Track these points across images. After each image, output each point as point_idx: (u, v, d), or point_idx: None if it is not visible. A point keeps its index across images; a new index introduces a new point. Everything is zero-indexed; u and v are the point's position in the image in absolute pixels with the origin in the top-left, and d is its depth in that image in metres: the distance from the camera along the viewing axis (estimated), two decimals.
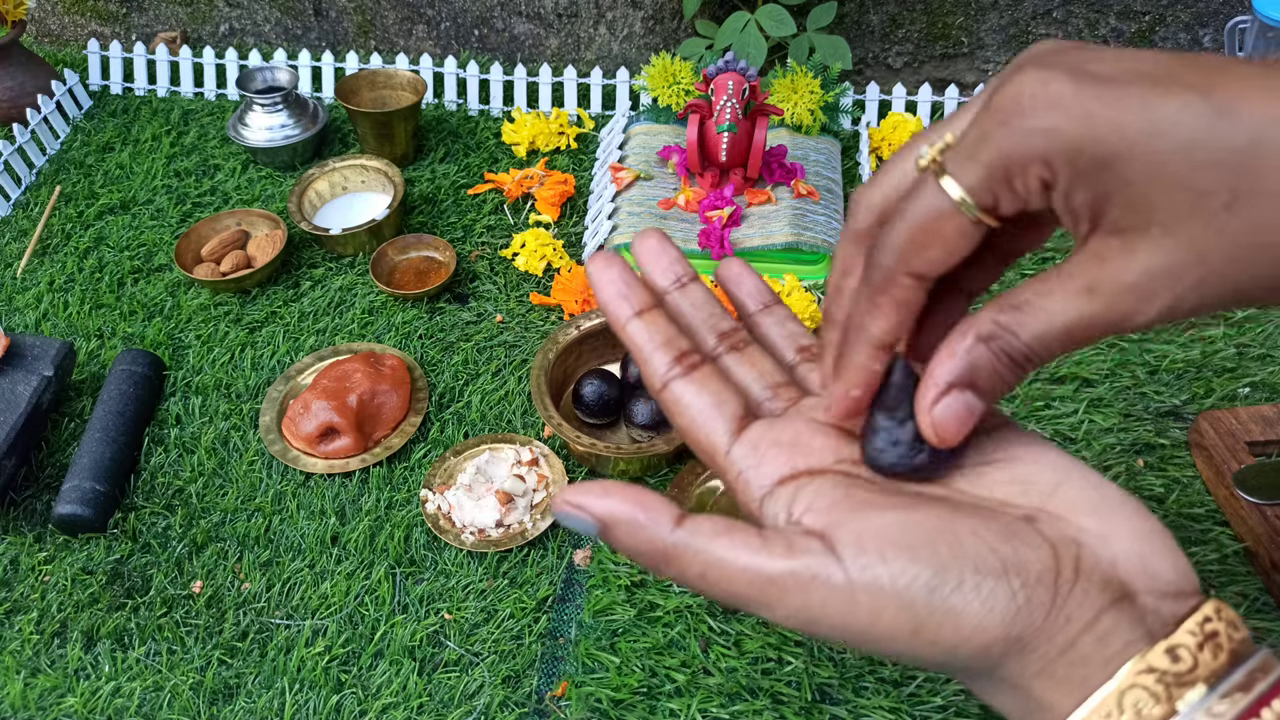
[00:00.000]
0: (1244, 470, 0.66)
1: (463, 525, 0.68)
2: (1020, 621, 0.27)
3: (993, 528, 0.29)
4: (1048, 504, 0.30)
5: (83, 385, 0.80)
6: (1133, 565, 0.28)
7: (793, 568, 0.28)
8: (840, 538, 0.29)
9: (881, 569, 0.28)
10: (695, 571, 0.29)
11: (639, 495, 0.30)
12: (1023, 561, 0.28)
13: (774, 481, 0.32)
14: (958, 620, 0.27)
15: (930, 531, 0.28)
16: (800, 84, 0.95)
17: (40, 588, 0.66)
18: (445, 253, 0.88)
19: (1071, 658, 0.27)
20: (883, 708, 0.58)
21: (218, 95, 1.12)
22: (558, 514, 0.30)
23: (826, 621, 0.28)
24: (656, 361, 0.34)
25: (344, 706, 0.60)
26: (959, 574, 0.27)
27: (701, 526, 0.29)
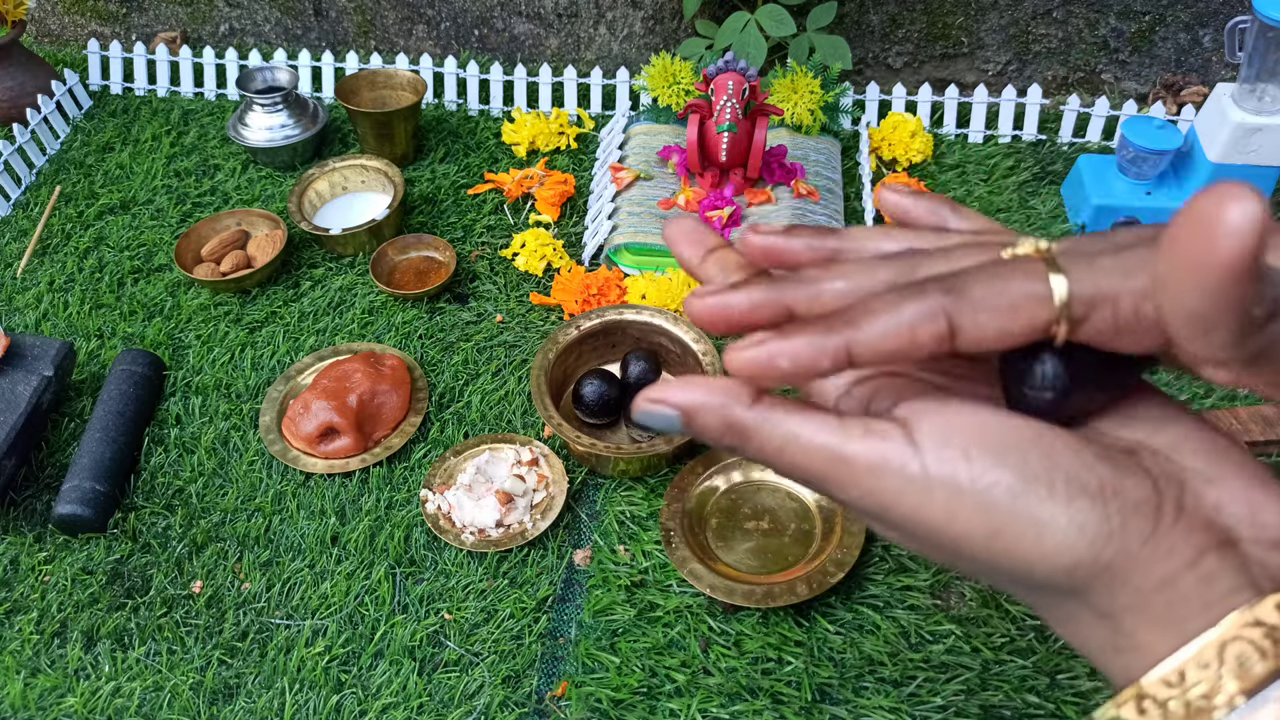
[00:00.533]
0: None
1: (463, 525, 0.68)
2: (1112, 547, 0.26)
3: (1093, 449, 0.27)
4: (1152, 439, 0.28)
5: (83, 385, 0.80)
6: (1239, 511, 0.27)
7: (868, 449, 0.27)
8: (921, 426, 0.27)
9: (962, 466, 0.26)
10: (774, 446, 0.29)
11: (716, 381, 0.29)
12: (1122, 486, 0.26)
13: (850, 381, 0.31)
14: (1042, 532, 0.26)
15: (1023, 438, 0.27)
16: (800, 84, 0.95)
17: (40, 588, 0.66)
18: (445, 253, 0.88)
19: (1170, 596, 0.26)
20: (883, 708, 0.58)
21: (218, 95, 1.12)
22: (639, 414, 0.30)
23: (898, 511, 0.27)
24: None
25: (344, 706, 0.60)
26: (1049, 485, 0.26)
27: (779, 403, 0.29)
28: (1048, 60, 1.13)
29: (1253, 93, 0.84)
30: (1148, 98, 1.11)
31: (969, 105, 1.02)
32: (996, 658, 0.60)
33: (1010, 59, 1.13)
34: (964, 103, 1.03)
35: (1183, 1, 1.06)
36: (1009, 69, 1.14)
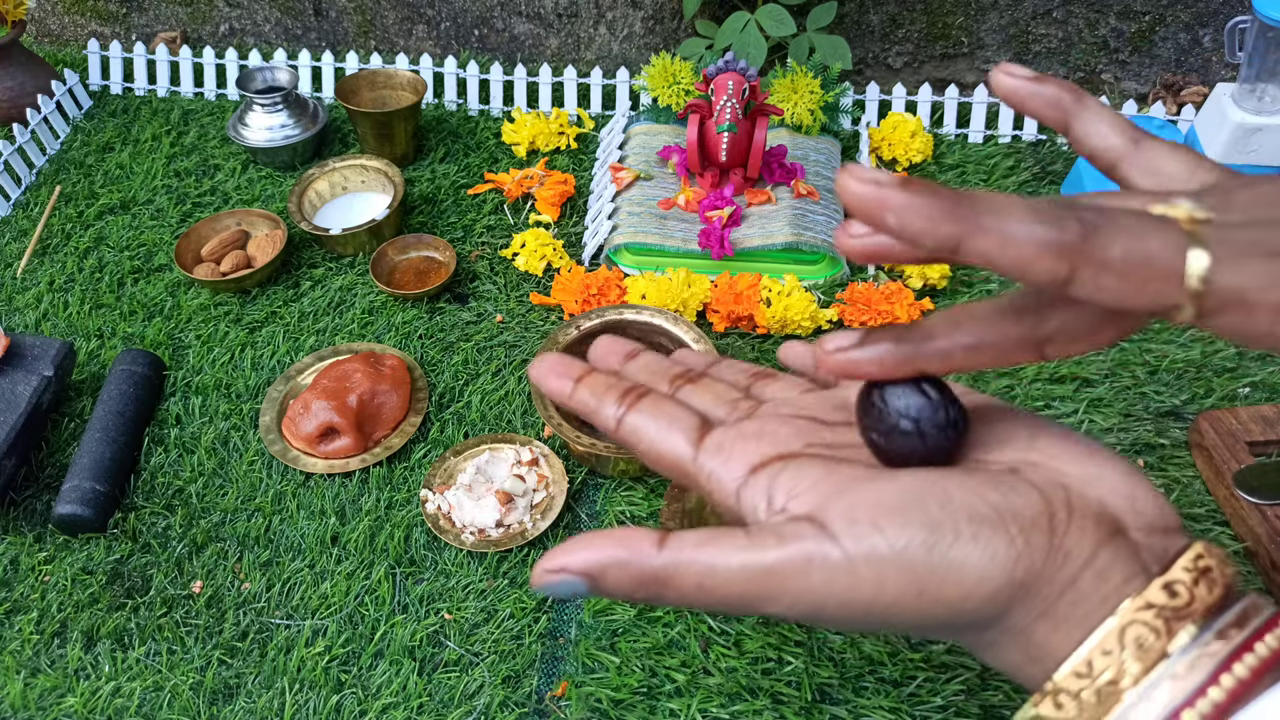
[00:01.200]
0: (1244, 470, 0.66)
1: (463, 525, 0.68)
2: (1022, 565, 0.27)
3: (978, 479, 0.29)
4: (1027, 455, 0.30)
5: (83, 385, 0.80)
6: (1120, 503, 0.28)
7: (789, 554, 0.28)
8: (830, 516, 0.28)
9: (877, 537, 0.27)
10: (692, 584, 0.29)
11: (614, 535, 0.29)
12: (1015, 507, 0.28)
13: (746, 471, 0.31)
14: (960, 573, 0.27)
15: (917, 493, 0.28)
16: (800, 84, 0.95)
17: (40, 588, 0.66)
18: (445, 253, 0.88)
19: (1072, 597, 0.27)
20: (883, 708, 0.58)
21: (218, 95, 1.12)
22: (541, 586, 0.29)
23: (832, 602, 0.28)
24: (605, 409, 0.34)
25: (344, 706, 0.60)
26: (954, 528, 0.27)
27: (686, 539, 0.29)
28: (1048, 60, 1.13)
29: (1253, 93, 0.84)
30: (1148, 98, 1.11)
31: (969, 105, 1.03)
32: None
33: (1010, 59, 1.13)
34: (964, 103, 1.03)
35: (1183, 1, 1.06)
36: None
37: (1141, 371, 0.77)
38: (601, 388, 0.35)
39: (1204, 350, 0.78)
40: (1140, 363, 0.78)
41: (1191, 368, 0.77)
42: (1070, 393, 0.76)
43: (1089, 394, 0.75)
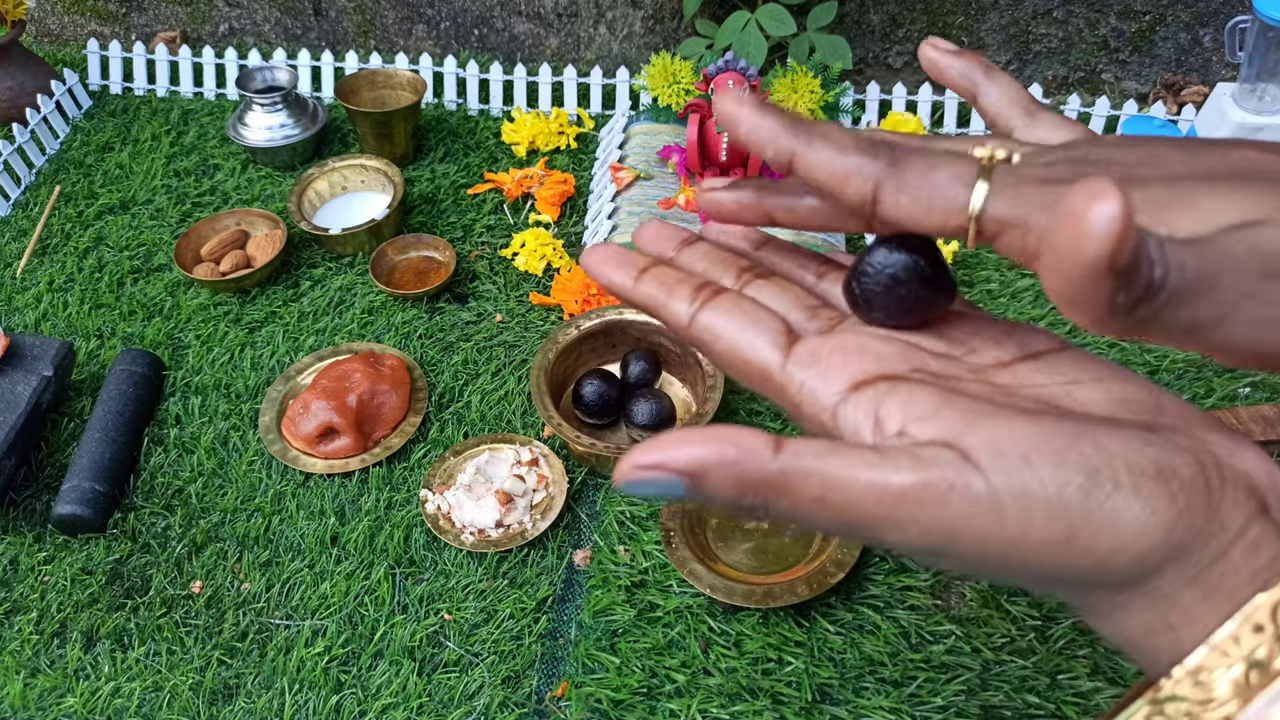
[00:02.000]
0: None
1: (462, 525, 0.68)
2: (1182, 525, 0.25)
3: (1128, 433, 0.26)
4: (1160, 419, 0.28)
5: (82, 385, 0.80)
6: (1261, 478, 0.27)
7: (926, 479, 0.25)
8: (972, 444, 0.26)
9: (1029, 473, 0.25)
10: (812, 495, 0.25)
11: (721, 432, 0.26)
12: (1174, 465, 0.26)
13: (846, 387, 0.29)
14: (1117, 524, 0.25)
15: (1069, 435, 0.26)
16: (800, 83, 0.95)
17: (40, 588, 0.66)
18: (445, 253, 0.88)
19: (1223, 568, 0.25)
20: (883, 708, 0.58)
21: (217, 95, 1.12)
22: (627, 483, 0.26)
23: (968, 536, 0.25)
24: (675, 304, 0.31)
25: (344, 707, 0.60)
26: (1114, 476, 0.25)
27: (806, 447, 0.26)
28: (1048, 60, 1.13)
29: (1253, 92, 0.84)
30: (1148, 97, 1.11)
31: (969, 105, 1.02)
32: (997, 658, 0.60)
33: (1010, 59, 1.13)
34: (964, 102, 1.03)
35: (1183, 1, 1.06)
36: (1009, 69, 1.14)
37: (1141, 371, 0.77)
38: (672, 279, 0.32)
39: None
40: (1140, 363, 0.78)
41: (1192, 368, 0.77)
42: None
43: None
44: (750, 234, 0.37)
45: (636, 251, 0.34)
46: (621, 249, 0.34)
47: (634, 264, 0.33)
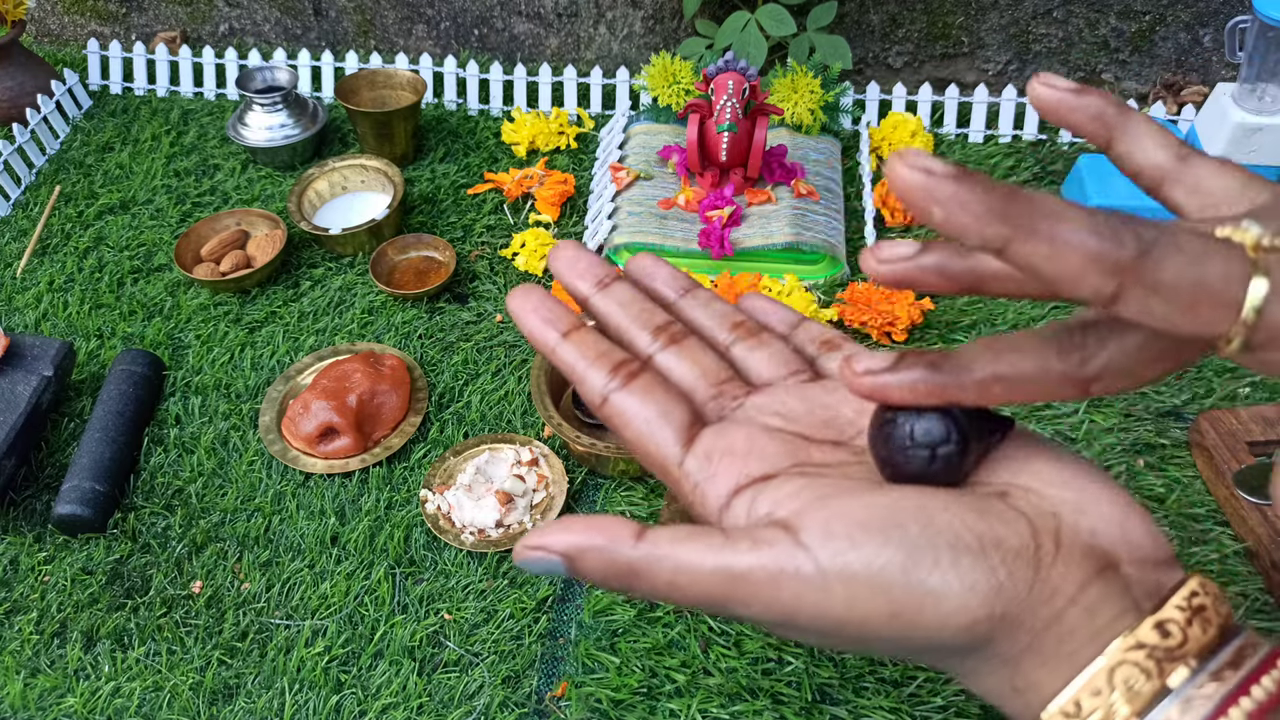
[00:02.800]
0: (1244, 470, 0.66)
1: (462, 525, 0.68)
2: (1004, 598, 0.26)
3: (965, 504, 0.28)
4: (1018, 478, 0.29)
5: (82, 385, 0.80)
6: (1112, 534, 0.27)
7: (761, 561, 0.27)
8: (805, 525, 0.28)
9: (852, 554, 0.27)
10: (664, 580, 0.28)
11: (596, 521, 0.29)
12: (999, 536, 0.27)
13: (730, 492, 0.31)
14: (938, 601, 0.26)
15: (900, 512, 0.27)
16: (800, 84, 0.95)
17: (40, 588, 0.66)
18: (445, 253, 0.88)
19: (1059, 632, 0.26)
20: (883, 708, 0.58)
21: (217, 95, 1.12)
22: (521, 562, 0.29)
23: (803, 614, 0.27)
24: (593, 378, 0.33)
25: (344, 706, 0.60)
26: (934, 553, 0.26)
27: (662, 535, 0.28)
28: (1048, 60, 1.13)
29: (1253, 92, 0.84)
30: (1148, 97, 1.11)
31: (969, 105, 1.02)
32: None
33: (1010, 59, 1.13)
34: (964, 102, 1.03)
35: (1183, 1, 1.06)
36: (1009, 69, 1.14)
37: None
38: (592, 351, 0.33)
39: None
40: None
41: (1191, 368, 0.77)
42: None
43: None
44: (674, 278, 0.37)
45: (561, 305, 0.34)
46: (550, 300, 0.34)
47: (560, 322, 0.34)
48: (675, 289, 0.37)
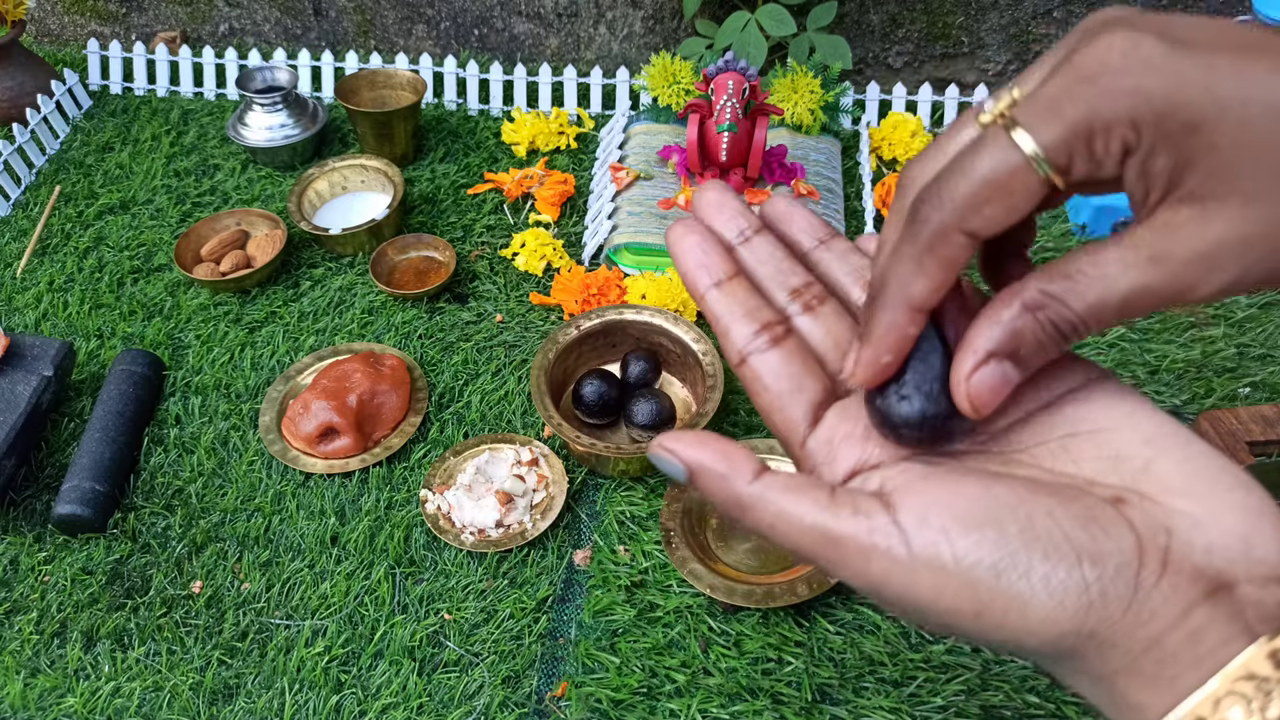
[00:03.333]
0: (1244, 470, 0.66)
1: (462, 525, 0.68)
2: (1094, 616, 0.25)
3: (1073, 510, 0.27)
4: (1139, 483, 0.28)
5: (82, 385, 0.80)
6: (1232, 550, 0.26)
7: (854, 532, 0.27)
8: (905, 505, 0.28)
9: (944, 545, 0.26)
10: (766, 522, 0.29)
11: (726, 448, 0.30)
12: (1101, 551, 0.26)
13: (847, 474, 0.31)
14: (1024, 608, 0.26)
15: (1002, 509, 0.27)
16: (800, 84, 0.95)
17: (40, 588, 0.66)
18: (445, 253, 0.88)
19: (1158, 656, 0.25)
20: (883, 708, 0.58)
21: (217, 95, 1.12)
22: (653, 455, 0.31)
23: (890, 590, 0.27)
24: (736, 333, 0.33)
25: (344, 706, 0.60)
26: (1028, 559, 0.26)
27: (776, 480, 0.29)
28: None
29: None
30: None
31: (969, 105, 1.02)
32: (996, 658, 0.60)
33: (1010, 58, 1.13)
34: (964, 102, 1.03)
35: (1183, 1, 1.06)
36: (1009, 68, 1.14)
37: (1142, 371, 0.77)
38: (741, 306, 0.33)
39: (1204, 350, 0.78)
40: (1140, 363, 0.78)
41: (1192, 368, 0.77)
42: None
43: None
44: (812, 225, 0.37)
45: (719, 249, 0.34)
46: (710, 242, 0.34)
47: (715, 268, 0.34)
48: (812, 237, 0.37)
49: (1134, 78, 0.25)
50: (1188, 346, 0.79)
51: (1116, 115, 0.25)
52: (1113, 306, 0.27)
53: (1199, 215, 0.26)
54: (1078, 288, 0.27)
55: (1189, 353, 0.78)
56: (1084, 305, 0.27)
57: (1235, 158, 0.25)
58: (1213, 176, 0.25)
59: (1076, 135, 0.25)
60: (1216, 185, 0.25)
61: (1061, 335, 0.28)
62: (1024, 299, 0.28)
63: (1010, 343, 0.28)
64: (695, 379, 0.74)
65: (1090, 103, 0.25)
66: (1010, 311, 0.28)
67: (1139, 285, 0.27)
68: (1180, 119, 0.25)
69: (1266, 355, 0.78)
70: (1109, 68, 0.25)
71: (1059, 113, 0.26)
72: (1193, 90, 0.24)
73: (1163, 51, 0.25)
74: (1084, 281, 0.27)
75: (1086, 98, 0.25)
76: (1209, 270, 0.26)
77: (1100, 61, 0.25)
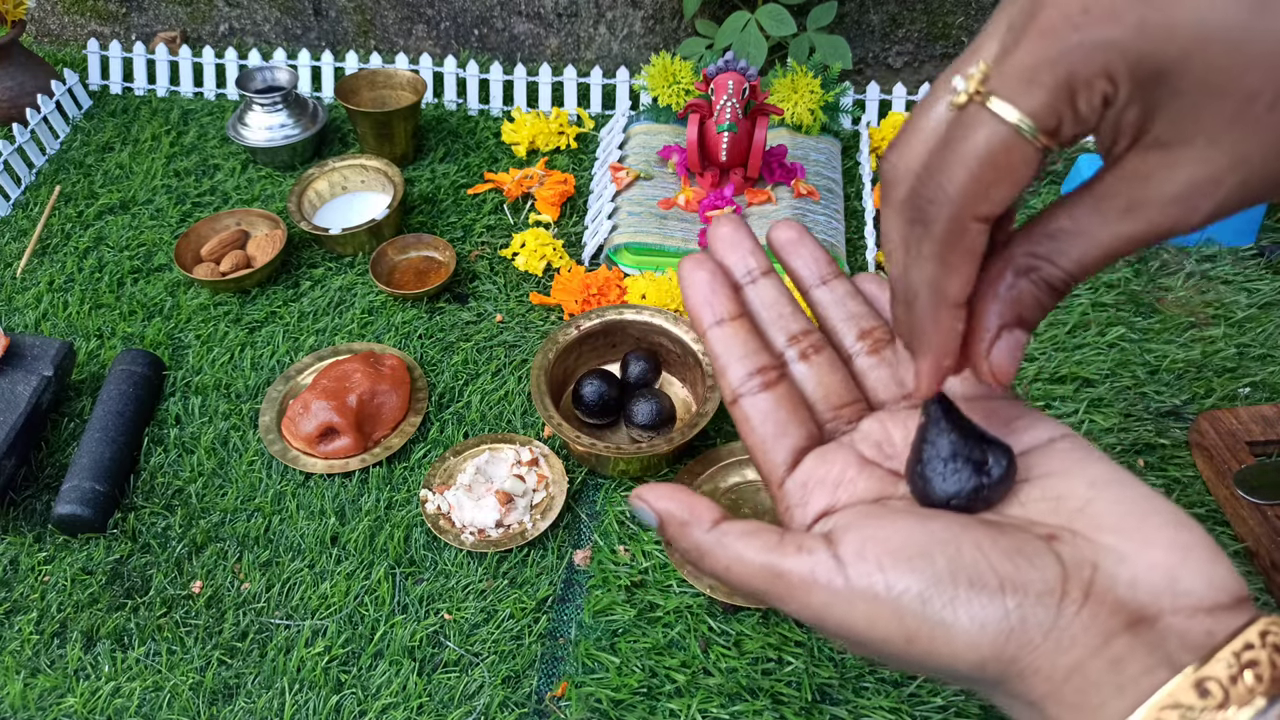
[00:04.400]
0: (1244, 470, 0.66)
1: (462, 525, 0.68)
2: (1014, 642, 0.27)
3: (1001, 544, 0.28)
4: (1074, 522, 0.29)
5: (82, 385, 0.80)
6: (1156, 584, 0.27)
7: (797, 567, 0.30)
8: (845, 540, 0.30)
9: (877, 577, 0.28)
10: (722, 564, 0.31)
11: (690, 499, 0.33)
12: (1024, 580, 0.27)
13: (816, 516, 0.33)
14: (949, 634, 0.27)
15: (934, 543, 0.29)
16: (800, 84, 0.95)
17: (40, 588, 0.66)
18: (445, 252, 0.88)
19: (1079, 684, 0.26)
20: (883, 708, 0.58)
21: (217, 95, 1.12)
22: (631, 503, 0.34)
23: (831, 621, 0.29)
24: (732, 373, 0.35)
25: (344, 707, 0.60)
26: (953, 589, 0.27)
27: (733, 527, 0.32)
28: None
29: None
30: None
31: None
32: None
33: None
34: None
35: None
36: None
37: (1142, 371, 0.77)
38: (740, 347, 0.35)
39: (1204, 350, 0.78)
40: (1140, 363, 0.78)
41: (1192, 368, 0.77)
42: (1071, 393, 0.75)
43: (1089, 394, 0.75)
44: (816, 261, 0.38)
45: (726, 288, 0.36)
46: (718, 280, 0.36)
47: (719, 306, 0.35)
48: (815, 275, 0.38)
49: (1102, 29, 0.25)
50: (1188, 346, 0.79)
51: (1093, 70, 0.25)
52: (1097, 258, 0.28)
53: (1166, 160, 0.26)
54: (1061, 245, 0.28)
55: (1189, 353, 0.78)
56: (1070, 261, 0.28)
57: (1198, 100, 0.25)
58: (1177, 122, 0.25)
59: (1058, 97, 0.25)
60: (1181, 130, 0.25)
61: (1055, 291, 0.29)
62: (1014, 265, 0.29)
63: (1013, 310, 0.30)
64: (695, 379, 0.74)
65: (1064, 63, 0.25)
66: (1006, 281, 0.29)
67: (1119, 235, 0.27)
68: (1148, 67, 0.25)
69: (1266, 355, 0.78)
70: (1076, 24, 0.25)
71: (1036, 78, 0.25)
72: (1157, 36, 0.24)
73: (1124, 1, 0.25)
74: (1065, 239, 0.28)
75: (1060, 58, 0.25)
76: (1185, 211, 0.26)
77: (1065, 17, 0.25)
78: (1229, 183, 0.26)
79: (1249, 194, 0.26)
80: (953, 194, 0.27)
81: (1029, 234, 0.29)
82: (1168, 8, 0.24)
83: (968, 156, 0.26)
